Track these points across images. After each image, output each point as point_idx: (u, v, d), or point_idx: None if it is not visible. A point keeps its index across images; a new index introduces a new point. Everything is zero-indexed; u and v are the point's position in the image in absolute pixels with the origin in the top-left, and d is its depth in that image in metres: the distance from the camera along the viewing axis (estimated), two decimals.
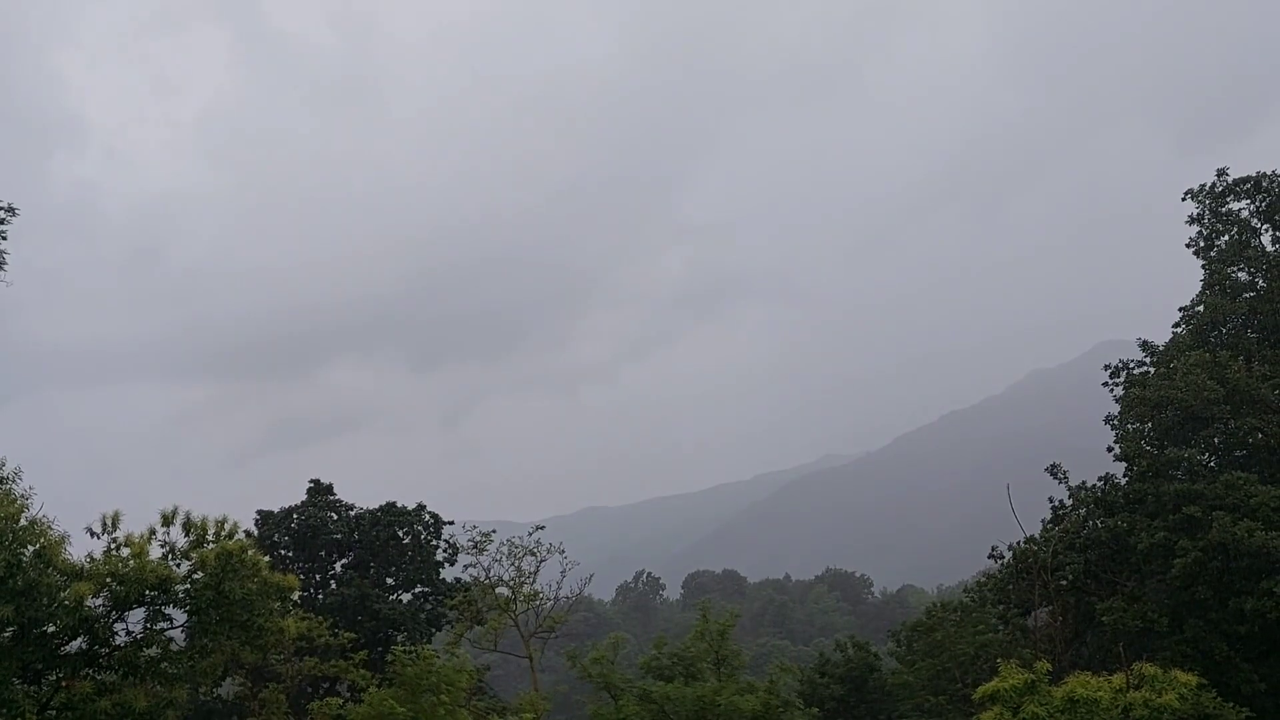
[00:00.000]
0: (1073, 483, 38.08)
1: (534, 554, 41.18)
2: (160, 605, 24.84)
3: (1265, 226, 41.09)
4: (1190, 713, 23.32)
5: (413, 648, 30.02)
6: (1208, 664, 30.47)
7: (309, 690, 42.17)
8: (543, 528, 42.98)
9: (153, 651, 25.09)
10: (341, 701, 30.74)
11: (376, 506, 52.04)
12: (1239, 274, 40.80)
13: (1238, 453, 36.14)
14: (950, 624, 40.06)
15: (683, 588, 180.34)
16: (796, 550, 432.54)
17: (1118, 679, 23.88)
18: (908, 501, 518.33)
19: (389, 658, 29.28)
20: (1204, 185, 42.44)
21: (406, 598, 50.31)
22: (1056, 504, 38.94)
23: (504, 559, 41.33)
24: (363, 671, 32.47)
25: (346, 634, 39.27)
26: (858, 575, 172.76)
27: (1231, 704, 26.13)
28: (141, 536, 25.17)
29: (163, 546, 25.47)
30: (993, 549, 40.85)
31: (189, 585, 25.13)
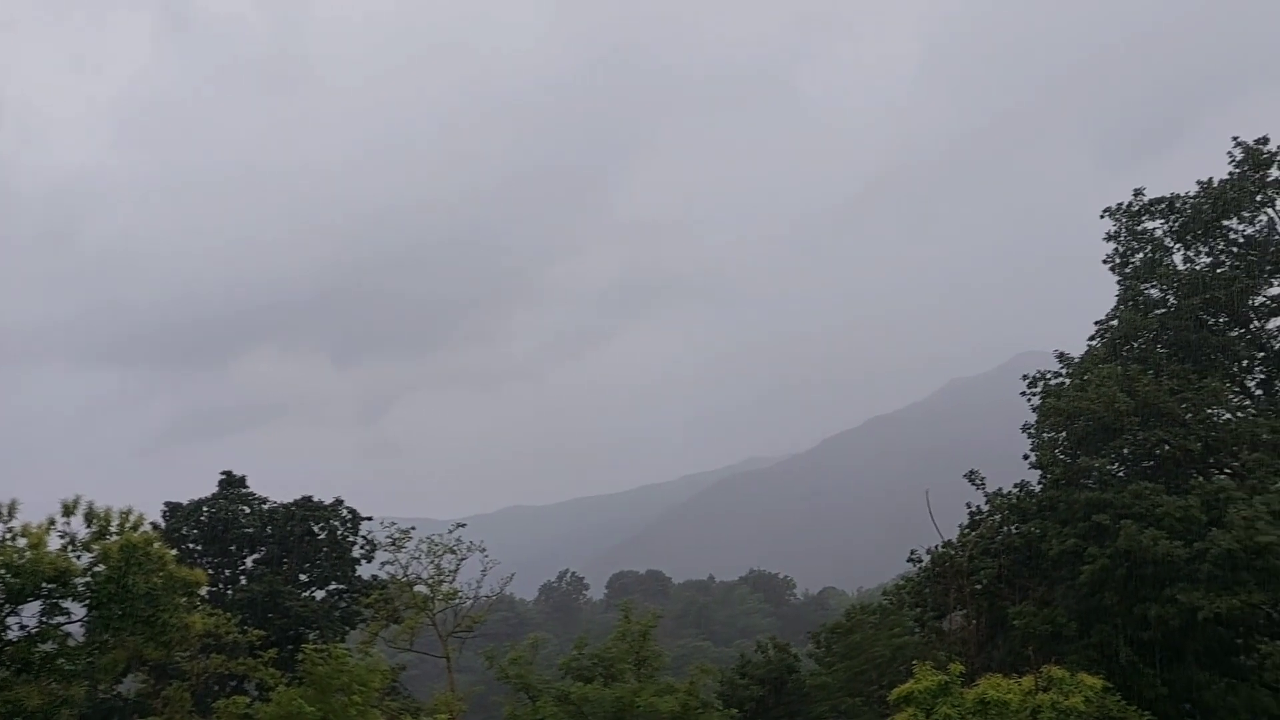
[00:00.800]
0: (990, 489, 38.80)
1: (454, 552, 40.69)
2: (57, 598, 23.90)
3: (1177, 246, 42.32)
4: (1095, 715, 23.90)
5: (325, 646, 29.37)
6: (1113, 668, 31.28)
7: (215, 688, 41.00)
8: (464, 525, 42.48)
9: (48, 647, 24.12)
10: (249, 700, 29.93)
11: (292, 501, 50.89)
12: (1151, 291, 41.98)
13: (1145, 463, 37.18)
14: (868, 626, 40.63)
15: (606, 588, 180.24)
16: (721, 551, 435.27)
17: (1027, 681, 24.35)
18: (831, 504, 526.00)
19: (299, 656, 28.57)
20: (1121, 204, 43.55)
21: (320, 595, 49.28)
22: (974, 510, 39.67)
23: (423, 557, 40.77)
24: (272, 670, 31.69)
25: (255, 631, 38.26)
26: (781, 577, 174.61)
27: (1135, 708, 26.86)
28: (40, 526, 24.19)
29: (62, 537, 24.53)
30: (912, 553, 41.48)
31: (89, 578, 24.21)
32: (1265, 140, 39.97)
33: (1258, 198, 39.97)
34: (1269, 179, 39.74)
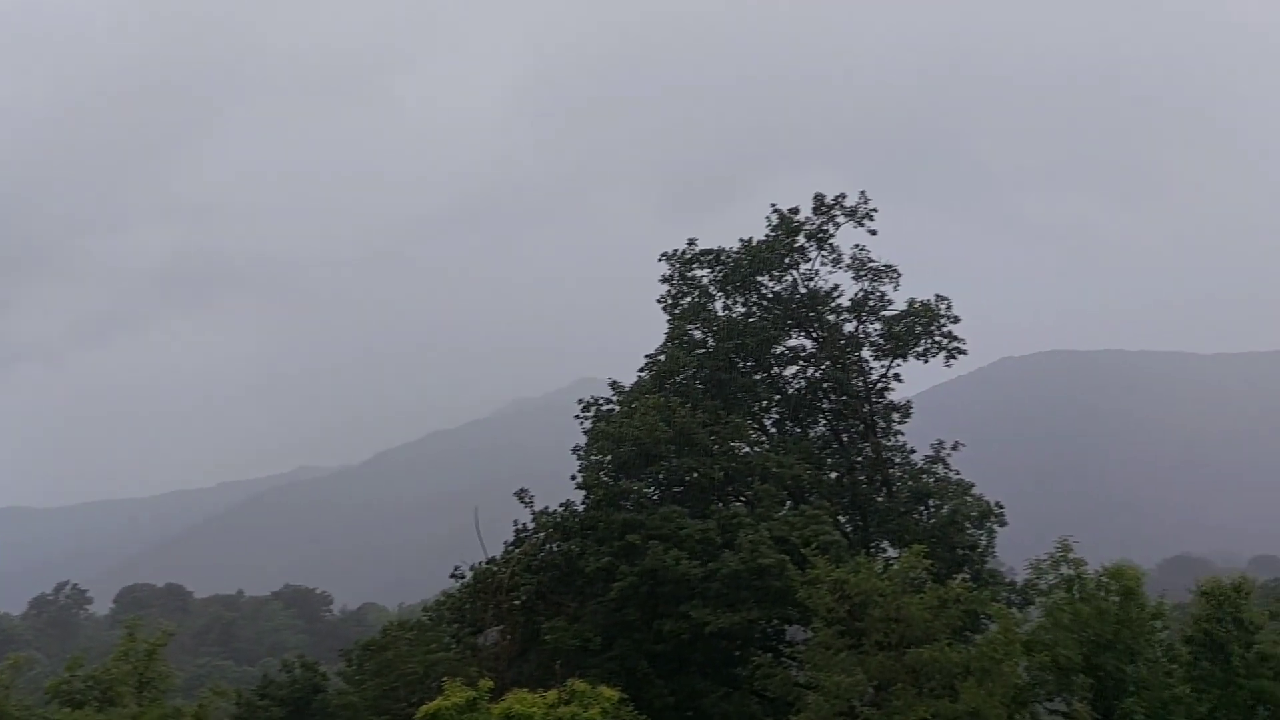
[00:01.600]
0: (541, 508, 39.88)
1: None
2: None
3: (720, 294, 46.82)
4: None
5: None
6: (630, 680, 33.21)
7: None
8: None
9: None
10: None
11: None
12: (695, 332, 45.99)
13: (676, 488, 40.37)
14: (403, 643, 39.66)
15: (114, 602, 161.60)
16: (259, 564, 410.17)
17: (551, 695, 24.97)
18: (383, 518, 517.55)
19: None
20: (676, 250, 47.37)
21: None
22: (520, 527, 40.53)
23: None
24: None
25: None
26: (318, 592, 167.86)
27: (645, 717, 28.59)
28: None
29: None
30: (455, 569, 41.38)
31: None
32: (796, 210, 45.59)
33: (786, 259, 45.44)
34: (796, 244, 45.33)
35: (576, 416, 44.37)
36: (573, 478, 40.99)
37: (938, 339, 44.10)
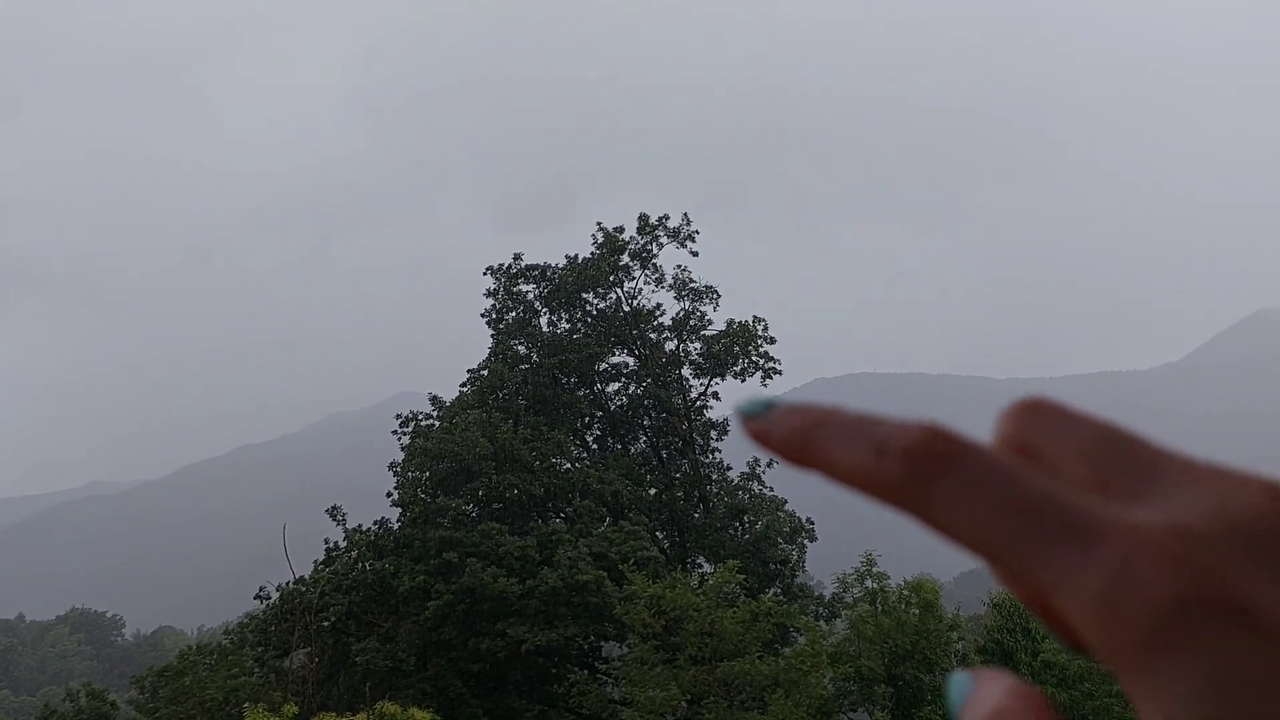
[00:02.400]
0: (354, 525, 38.60)
1: None
2: None
3: (544, 310, 46.80)
4: None
5: None
6: (444, 700, 32.58)
7: None
8: None
9: None
10: None
11: None
12: (519, 347, 45.75)
13: (496, 505, 39.92)
14: (203, 668, 37.53)
15: None
16: (43, 586, 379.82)
17: (360, 718, 24.16)
18: (184, 536, 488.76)
19: None
20: (502, 264, 47.05)
21: None
22: (331, 545, 39.14)
23: None
24: None
25: None
26: (109, 615, 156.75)
27: None
28: None
29: None
30: (260, 589, 39.54)
31: None
32: (622, 229, 46.15)
33: (611, 278, 45.88)
34: (620, 263, 45.86)
35: (394, 432, 43.27)
36: (389, 494, 39.93)
37: (755, 359, 45.48)
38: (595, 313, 46.38)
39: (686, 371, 46.49)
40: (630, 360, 46.71)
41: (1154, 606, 0.65)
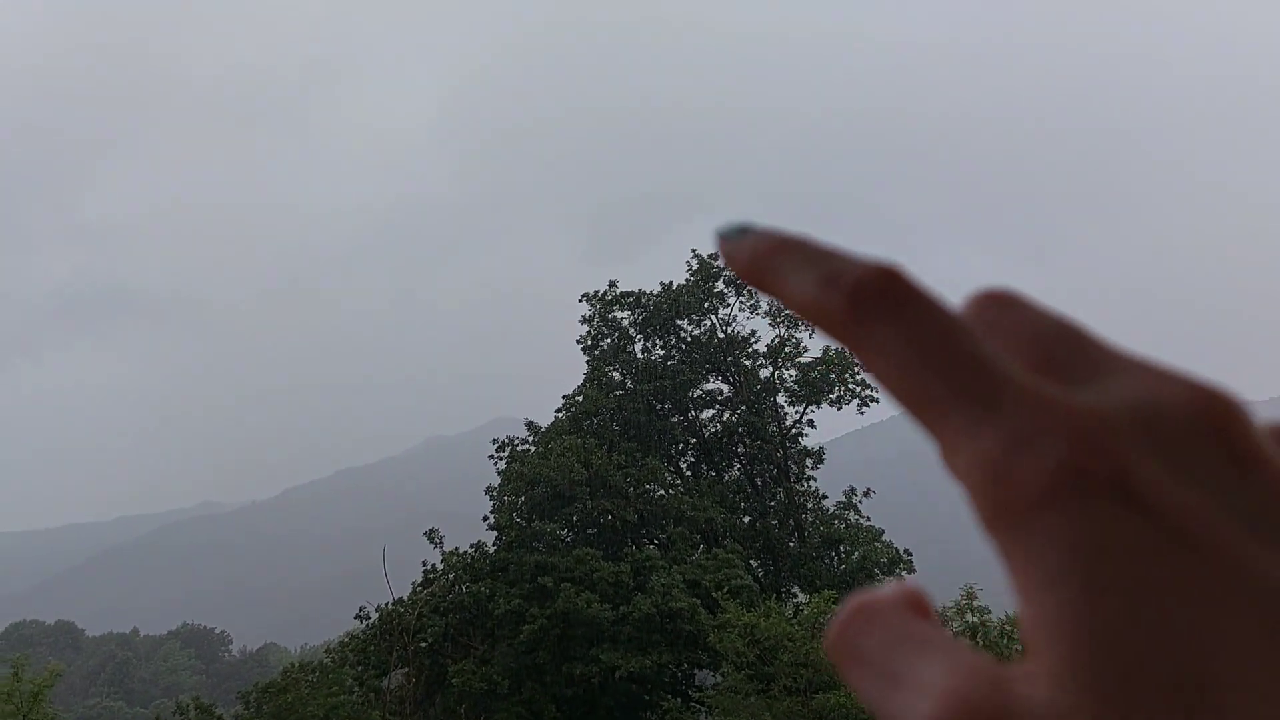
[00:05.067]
0: (451, 548, 39.28)
1: None
2: None
3: (639, 336, 47.11)
4: None
5: None
6: None
7: None
8: None
9: None
10: None
11: None
12: (614, 373, 46.10)
13: (590, 530, 40.16)
14: (304, 685, 38.50)
15: (1, 639, 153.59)
16: (155, 602, 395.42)
17: None
18: (288, 555, 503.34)
19: None
20: (598, 291, 47.57)
21: None
22: (429, 568, 39.86)
23: None
24: None
25: None
26: (217, 631, 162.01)
27: None
28: None
29: None
30: (361, 609, 40.46)
31: None
32: (716, 256, 46.15)
33: (705, 304, 45.96)
34: (714, 290, 45.91)
35: (491, 456, 43.94)
36: (485, 518, 40.50)
37: (851, 387, 44.89)
38: (690, 339, 46.46)
39: (781, 399, 46.14)
40: (725, 387, 46.61)
41: (1041, 472, 0.65)
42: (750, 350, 46.28)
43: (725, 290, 46.11)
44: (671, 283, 46.47)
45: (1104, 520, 0.66)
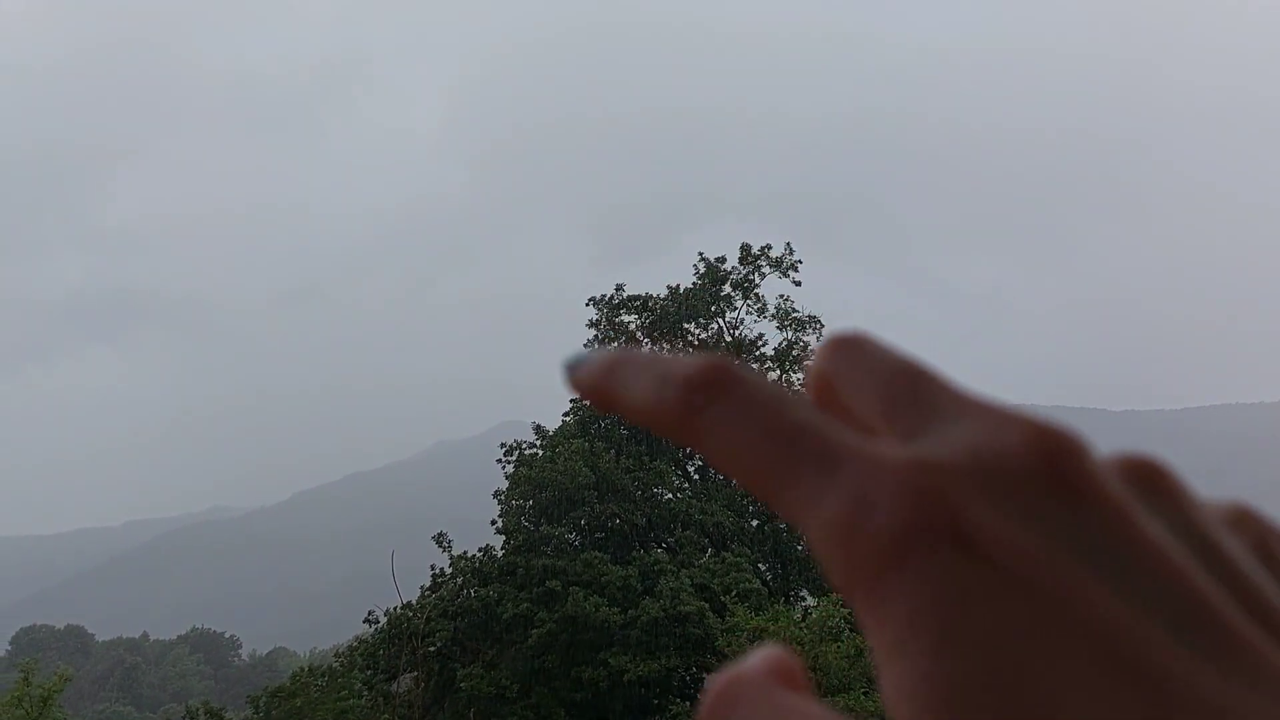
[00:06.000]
0: (460, 552, 39.33)
1: None
2: None
3: (646, 340, 47.08)
4: None
5: None
6: None
7: None
8: None
9: None
10: None
11: None
12: None
13: (598, 534, 40.17)
14: (314, 689, 38.60)
15: (10, 644, 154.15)
16: (164, 606, 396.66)
17: None
18: (298, 561, 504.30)
19: None
20: (604, 295, 47.60)
21: None
22: (437, 572, 39.92)
23: None
24: None
25: None
26: (227, 636, 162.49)
27: None
28: None
29: None
30: (369, 613, 40.57)
31: None
32: (723, 259, 46.24)
33: (712, 308, 45.97)
34: (722, 293, 45.92)
35: (499, 460, 44.00)
36: (493, 522, 40.54)
37: None
38: (697, 343, 46.45)
39: None
40: None
41: (884, 532, 0.65)
42: (758, 353, 46.23)
43: (732, 293, 46.13)
44: (679, 286, 46.51)
45: (945, 575, 0.66)
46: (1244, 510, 0.67)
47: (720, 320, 46.32)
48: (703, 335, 46.47)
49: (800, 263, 46.11)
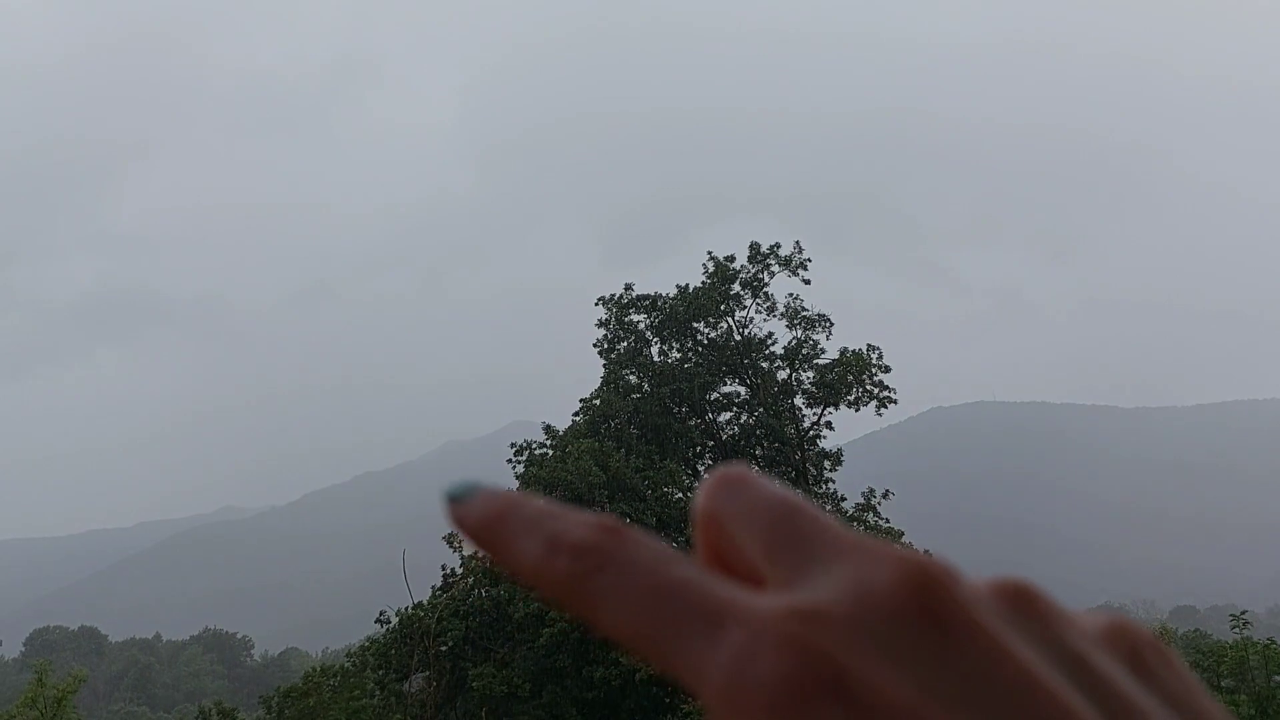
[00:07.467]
0: (471, 552, 39.49)
1: None
2: None
3: (655, 339, 47.14)
4: None
5: None
6: None
7: None
8: None
9: None
10: None
11: None
12: (631, 376, 46.15)
13: None
14: (326, 689, 38.78)
15: (24, 645, 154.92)
16: (177, 607, 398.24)
17: None
18: (309, 561, 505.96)
19: None
20: (614, 295, 47.63)
21: None
22: (448, 571, 40.01)
23: None
24: None
25: None
26: (239, 636, 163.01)
27: None
28: None
29: None
30: (381, 613, 40.68)
31: None
32: (732, 259, 46.22)
33: (721, 307, 45.96)
34: (731, 292, 45.91)
35: (509, 460, 44.08)
36: None
37: (869, 388, 44.79)
38: (706, 342, 46.47)
39: (799, 401, 46.08)
40: (742, 389, 46.57)
41: (766, 690, 0.66)
42: (767, 352, 46.24)
43: (741, 292, 46.12)
44: (688, 285, 46.51)
45: None
46: (1118, 624, 0.69)
47: (730, 319, 46.33)
48: (711, 334, 46.50)
49: (809, 261, 46.11)
